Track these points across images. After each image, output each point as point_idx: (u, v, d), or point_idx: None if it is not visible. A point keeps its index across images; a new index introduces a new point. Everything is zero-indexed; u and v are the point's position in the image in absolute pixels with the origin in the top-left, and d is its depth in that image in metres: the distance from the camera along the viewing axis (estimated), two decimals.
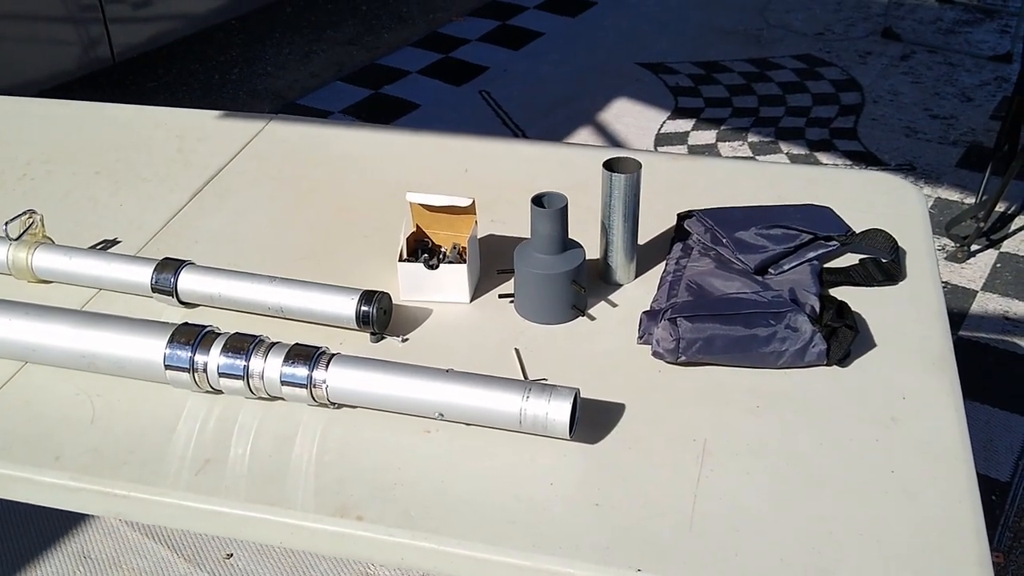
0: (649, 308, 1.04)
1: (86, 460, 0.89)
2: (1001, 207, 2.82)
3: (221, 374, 0.93)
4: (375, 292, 1.01)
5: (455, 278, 1.06)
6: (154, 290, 1.07)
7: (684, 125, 3.35)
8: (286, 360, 0.92)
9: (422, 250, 1.10)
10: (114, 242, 1.21)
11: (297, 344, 0.94)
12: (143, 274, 1.07)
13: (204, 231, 1.22)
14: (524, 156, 1.40)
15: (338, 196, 1.29)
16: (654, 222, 1.18)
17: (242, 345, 0.93)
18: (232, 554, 1.84)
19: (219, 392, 0.95)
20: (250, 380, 0.93)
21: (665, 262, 1.12)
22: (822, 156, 3.14)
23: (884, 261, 1.11)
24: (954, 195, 2.94)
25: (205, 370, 0.93)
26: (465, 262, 1.07)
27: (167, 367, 0.94)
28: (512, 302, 1.07)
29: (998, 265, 2.63)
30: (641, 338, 1.00)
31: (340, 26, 4.21)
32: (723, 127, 3.33)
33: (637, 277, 1.11)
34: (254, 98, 3.61)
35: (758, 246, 1.09)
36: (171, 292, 1.06)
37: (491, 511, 0.82)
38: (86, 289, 1.11)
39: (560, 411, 0.86)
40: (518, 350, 1.00)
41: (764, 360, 0.96)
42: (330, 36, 4.12)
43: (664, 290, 1.06)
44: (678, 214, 1.18)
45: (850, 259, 1.13)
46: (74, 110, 1.55)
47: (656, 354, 0.98)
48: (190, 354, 0.93)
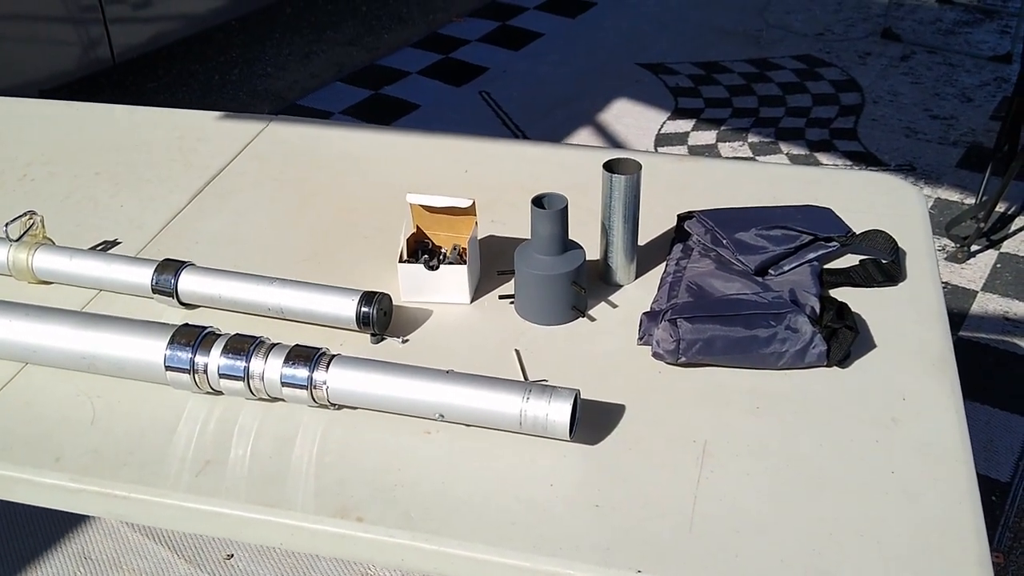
0: (649, 309, 1.04)
1: (86, 461, 0.89)
2: (1001, 207, 2.82)
3: (221, 375, 0.93)
4: (375, 293, 1.02)
5: (455, 279, 1.06)
6: (154, 291, 1.07)
7: (684, 126, 3.35)
8: (286, 361, 0.92)
9: (422, 251, 1.10)
10: (114, 243, 1.21)
11: (297, 345, 0.94)
12: (143, 275, 1.07)
13: (204, 232, 1.22)
14: (524, 157, 1.40)
15: (338, 197, 1.29)
16: (654, 223, 1.19)
17: (242, 346, 0.93)
18: (232, 555, 1.84)
19: (219, 393, 0.95)
20: (250, 381, 0.93)
21: (665, 263, 1.12)
22: (822, 156, 3.15)
23: (884, 262, 1.11)
24: (954, 195, 2.94)
25: (205, 371, 0.93)
26: (465, 263, 1.07)
27: (167, 368, 0.94)
28: (512, 303, 1.07)
29: (998, 265, 2.63)
30: (641, 339, 1.00)
31: (340, 27, 4.21)
32: (723, 127, 3.33)
33: (637, 278, 1.11)
34: (254, 99, 3.61)
35: (758, 247, 1.09)
36: (171, 293, 1.06)
37: (491, 512, 0.82)
38: (86, 290, 1.11)
39: (560, 412, 0.86)
40: (518, 351, 1.01)
41: (764, 361, 0.96)
42: (330, 37, 4.12)
43: (664, 291, 1.06)
44: (678, 215, 1.18)
45: (850, 260, 1.13)
46: (74, 111, 1.55)
47: (656, 355, 0.98)
48: (190, 355, 0.93)
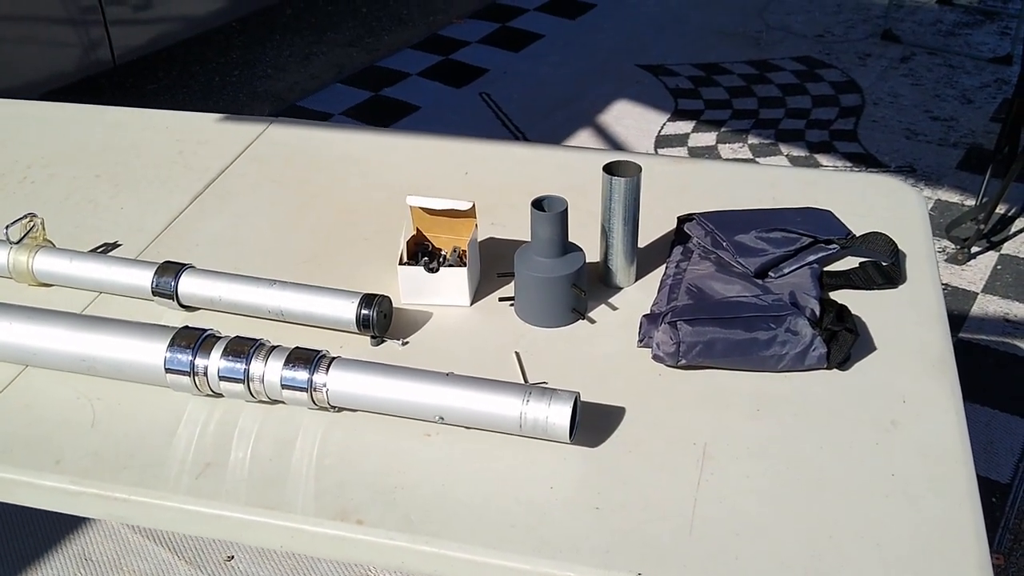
0: (649, 311, 1.04)
1: (86, 464, 0.89)
2: (1001, 209, 2.82)
3: (221, 378, 0.93)
4: (375, 295, 1.02)
5: (455, 281, 1.06)
6: (155, 293, 1.07)
7: (684, 127, 3.36)
8: (286, 364, 0.92)
9: (422, 253, 1.10)
10: (115, 245, 1.21)
11: (297, 348, 0.94)
12: (144, 277, 1.07)
13: (205, 234, 1.22)
14: (524, 159, 1.40)
15: (338, 199, 1.29)
16: (654, 225, 1.19)
17: (242, 349, 0.93)
18: (233, 556, 1.84)
19: (219, 396, 0.95)
20: (250, 384, 0.93)
21: (665, 265, 1.12)
22: (822, 158, 3.15)
23: (884, 264, 1.11)
24: (954, 197, 2.94)
25: (205, 374, 0.93)
26: (465, 265, 1.07)
27: (167, 371, 0.94)
28: (512, 305, 1.07)
29: (998, 267, 2.63)
30: (641, 341, 1.00)
31: (340, 28, 4.21)
32: (723, 129, 3.34)
33: (637, 280, 1.11)
34: (254, 100, 3.61)
35: (758, 249, 1.09)
36: (172, 295, 1.06)
37: (491, 515, 0.82)
38: (87, 292, 1.11)
39: (560, 415, 0.86)
40: (518, 353, 1.01)
41: (764, 364, 0.96)
42: (330, 38, 4.12)
43: (664, 293, 1.06)
44: (678, 217, 1.18)
45: (850, 262, 1.13)
46: (75, 113, 1.55)
47: (656, 357, 0.98)
48: (190, 358, 0.93)
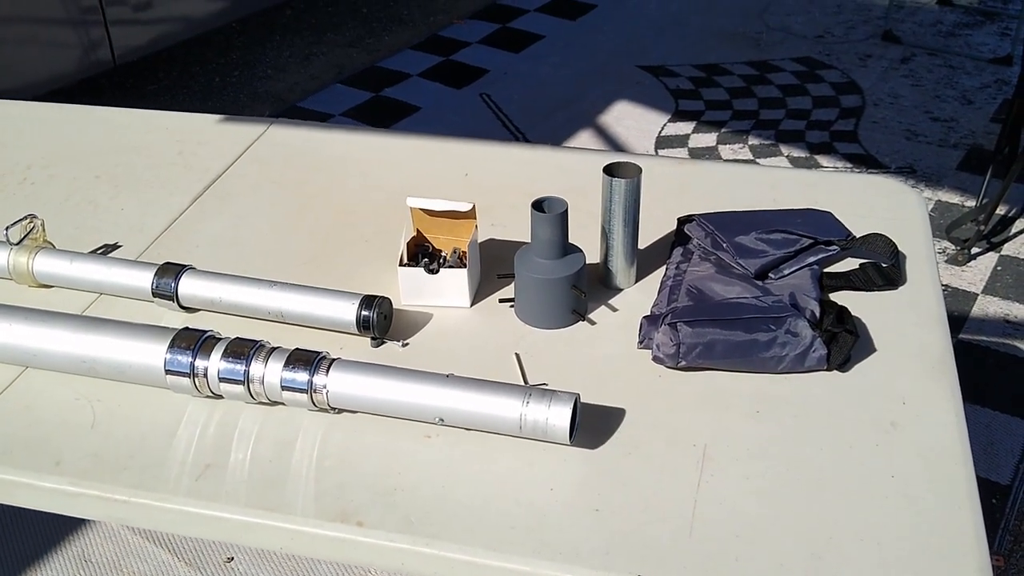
0: (649, 313, 1.04)
1: (86, 465, 0.89)
2: (1002, 210, 2.82)
3: (221, 379, 0.93)
4: (375, 297, 1.02)
5: (455, 283, 1.06)
6: (155, 295, 1.07)
7: (685, 128, 3.36)
8: (286, 365, 0.92)
9: (422, 254, 1.10)
10: (115, 246, 1.21)
11: (297, 349, 0.94)
12: (144, 278, 1.07)
13: (205, 235, 1.22)
14: (524, 160, 1.40)
15: (338, 200, 1.29)
16: (654, 226, 1.19)
17: (242, 350, 0.93)
18: (232, 558, 1.84)
19: (219, 397, 0.95)
20: (250, 385, 0.93)
21: (665, 266, 1.12)
22: (822, 159, 3.15)
23: (884, 266, 1.11)
24: (954, 198, 2.94)
25: (205, 375, 0.93)
26: (465, 267, 1.07)
27: (167, 372, 0.94)
28: (512, 307, 1.07)
29: (999, 268, 2.63)
30: (641, 343, 1.00)
31: (340, 29, 4.21)
32: (723, 130, 3.34)
33: (637, 282, 1.11)
34: (254, 101, 3.61)
35: (758, 251, 1.09)
36: (172, 297, 1.06)
37: (491, 516, 0.82)
38: (87, 294, 1.11)
39: (560, 416, 0.86)
40: (518, 355, 1.01)
41: (764, 365, 0.96)
42: (330, 39, 4.12)
43: (664, 295, 1.06)
44: (678, 218, 1.18)
45: (850, 264, 1.13)
46: (75, 114, 1.55)
47: (656, 359, 0.98)
48: (190, 359, 0.93)
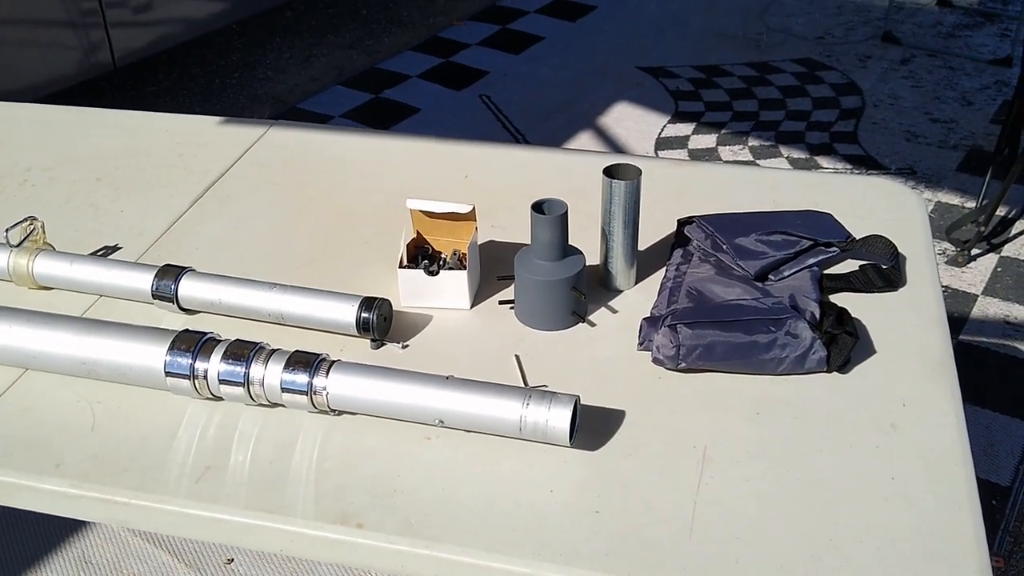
0: (649, 314, 1.04)
1: (87, 467, 0.89)
2: (1001, 211, 2.82)
3: (221, 381, 0.93)
4: (375, 299, 1.02)
5: (455, 284, 1.06)
6: (155, 296, 1.07)
7: (684, 129, 3.36)
8: (286, 367, 0.92)
9: (422, 256, 1.10)
10: (115, 248, 1.21)
11: (297, 351, 0.94)
12: (144, 280, 1.07)
13: (205, 237, 1.22)
14: (524, 162, 1.40)
15: (338, 202, 1.30)
16: (654, 228, 1.19)
17: (242, 352, 0.93)
18: (232, 559, 1.84)
19: (219, 399, 0.95)
20: (250, 387, 0.93)
21: (665, 268, 1.12)
22: (822, 160, 3.15)
23: (884, 267, 1.11)
24: (954, 199, 2.94)
25: (205, 377, 0.93)
26: (465, 268, 1.07)
27: (167, 374, 0.94)
28: (512, 308, 1.07)
29: (998, 269, 2.63)
30: (641, 344, 1.00)
31: (340, 30, 4.22)
32: (723, 131, 3.34)
33: (637, 283, 1.11)
34: (254, 102, 3.61)
35: (758, 252, 1.09)
36: (172, 299, 1.06)
37: (491, 518, 0.82)
38: (87, 296, 1.11)
39: (560, 418, 0.86)
40: (518, 357, 1.01)
41: (764, 367, 0.96)
42: (330, 40, 4.12)
43: (664, 296, 1.06)
44: (678, 220, 1.18)
45: (850, 265, 1.13)
46: (75, 116, 1.55)
47: (656, 361, 0.98)
48: (190, 361, 0.93)
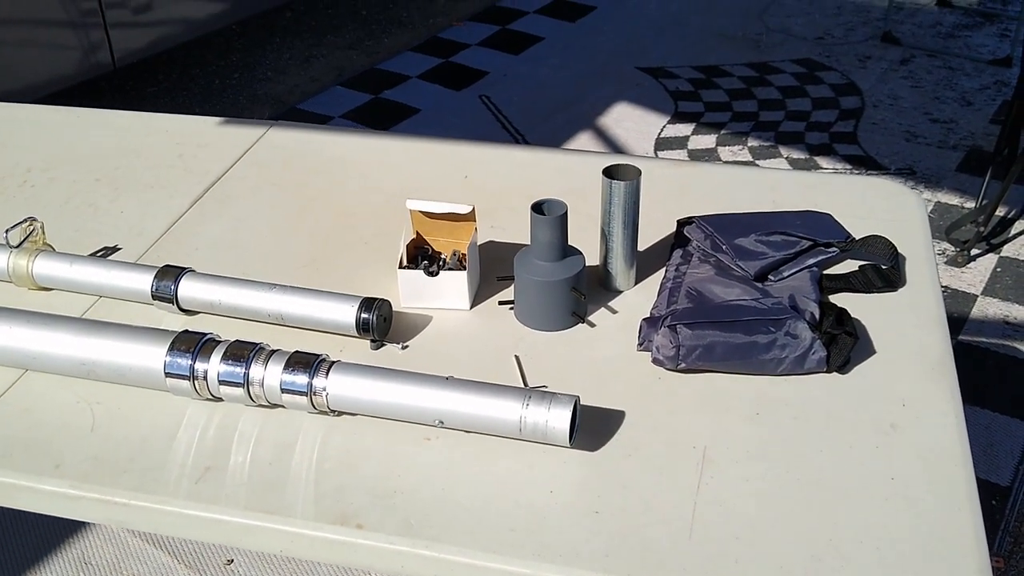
0: (649, 315, 1.04)
1: (86, 468, 0.89)
2: (1001, 211, 2.82)
3: (221, 382, 0.93)
4: (375, 299, 1.02)
5: (455, 285, 1.06)
6: (154, 297, 1.07)
7: (684, 129, 3.36)
8: (286, 367, 0.92)
9: (422, 257, 1.10)
10: (114, 249, 1.21)
11: (297, 351, 0.94)
12: (143, 281, 1.07)
13: (204, 238, 1.22)
14: (524, 162, 1.40)
15: (338, 203, 1.30)
16: (654, 228, 1.19)
17: (242, 352, 0.93)
18: (232, 560, 1.84)
19: (219, 400, 0.95)
20: (250, 388, 0.93)
21: (665, 268, 1.12)
22: (822, 160, 3.15)
23: (884, 267, 1.11)
24: (954, 199, 2.94)
25: (205, 378, 0.93)
26: (465, 269, 1.07)
27: (167, 375, 0.94)
28: (512, 309, 1.07)
29: (998, 269, 2.63)
30: (641, 345, 1.00)
31: (340, 31, 4.22)
32: (723, 131, 3.34)
33: (637, 284, 1.11)
34: (254, 103, 3.61)
35: (758, 253, 1.09)
36: (171, 299, 1.06)
37: (491, 519, 0.82)
38: (86, 296, 1.11)
39: (560, 418, 0.86)
40: (518, 357, 1.01)
41: (764, 367, 0.96)
42: (330, 41, 4.12)
43: (664, 297, 1.06)
44: (678, 220, 1.18)
45: (850, 265, 1.13)
46: (75, 116, 1.55)
47: (656, 361, 0.98)
48: (190, 362, 0.93)
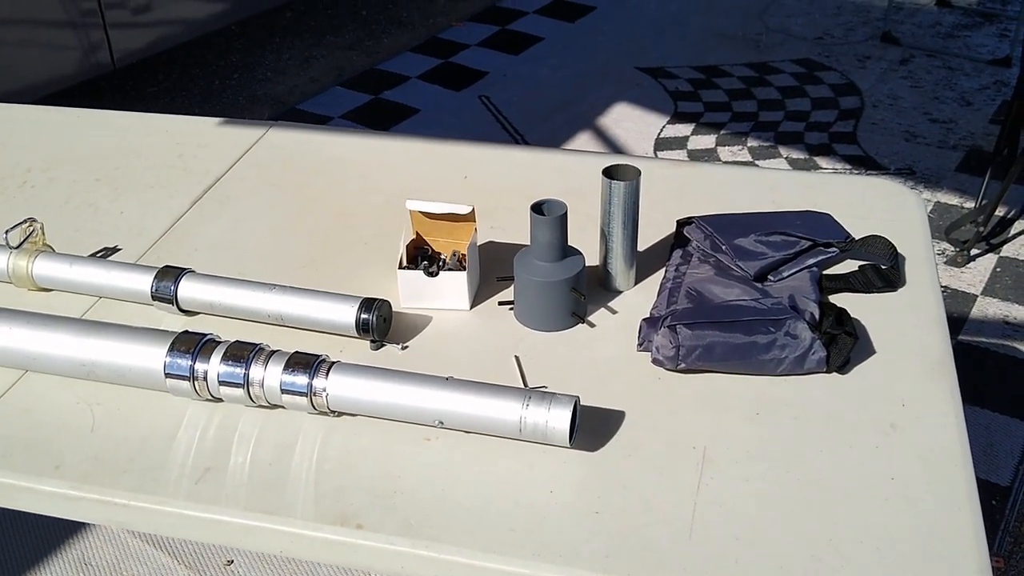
0: (649, 315, 1.04)
1: (86, 469, 0.89)
2: (1001, 211, 2.82)
3: (221, 382, 0.93)
4: (375, 300, 1.02)
5: (455, 285, 1.06)
6: (154, 298, 1.07)
7: (684, 130, 3.36)
8: (286, 368, 0.92)
9: (422, 257, 1.10)
10: (114, 250, 1.21)
11: (297, 352, 0.94)
12: (143, 282, 1.07)
13: (204, 238, 1.22)
14: (524, 163, 1.40)
15: (338, 203, 1.30)
16: (653, 229, 1.19)
17: (242, 353, 0.93)
18: (232, 560, 1.84)
19: (219, 400, 0.95)
20: (250, 388, 0.93)
21: (665, 269, 1.12)
22: (821, 160, 3.15)
23: (884, 267, 1.11)
24: (954, 199, 2.94)
25: (205, 378, 0.93)
26: (465, 269, 1.07)
27: (167, 375, 0.94)
28: (512, 309, 1.07)
29: (998, 269, 2.63)
30: (641, 345, 1.00)
31: (340, 31, 4.22)
32: (723, 131, 3.34)
33: (637, 284, 1.11)
34: (254, 103, 3.61)
35: (757, 253, 1.09)
36: (171, 300, 1.06)
37: (491, 519, 0.82)
38: (86, 297, 1.12)
39: (560, 419, 0.86)
40: (518, 357, 1.01)
41: (764, 367, 0.96)
42: (330, 41, 4.12)
43: (664, 297, 1.06)
44: (677, 221, 1.18)
45: (850, 265, 1.13)
46: (75, 117, 1.55)
47: (656, 361, 0.98)
48: (190, 362, 0.93)
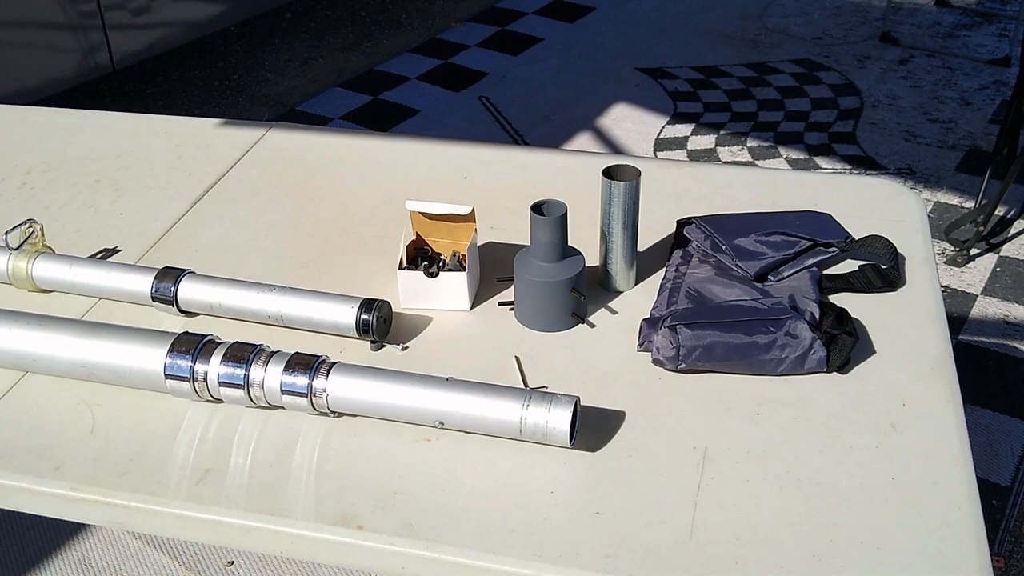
0: (649, 315, 1.04)
1: (86, 470, 0.89)
2: (1000, 211, 2.82)
3: (221, 383, 0.93)
4: (375, 300, 1.02)
5: (455, 286, 1.06)
6: (154, 299, 1.07)
7: (683, 130, 3.36)
8: (286, 369, 0.92)
9: (422, 258, 1.10)
10: (114, 251, 1.21)
11: (297, 353, 0.94)
12: (143, 283, 1.07)
13: (204, 239, 1.22)
14: (523, 163, 1.40)
15: (338, 204, 1.30)
16: (654, 229, 1.19)
17: (242, 354, 0.93)
18: (233, 561, 1.84)
19: (219, 401, 0.95)
20: (250, 389, 0.93)
21: (665, 269, 1.12)
22: (821, 160, 3.15)
23: (884, 267, 1.11)
24: (953, 199, 2.94)
25: (205, 379, 0.93)
26: (465, 270, 1.07)
27: (167, 376, 0.94)
28: (512, 310, 1.07)
29: (998, 269, 2.63)
30: (641, 345, 1.00)
31: (339, 32, 4.22)
32: (722, 132, 3.34)
33: (637, 284, 1.11)
34: (253, 104, 3.61)
35: (758, 253, 1.09)
36: (171, 301, 1.06)
37: (491, 519, 0.82)
38: (86, 298, 1.12)
39: (560, 419, 0.86)
40: (518, 358, 1.01)
41: (764, 367, 0.96)
42: (329, 42, 4.12)
43: (664, 297, 1.06)
44: (678, 221, 1.18)
45: (850, 265, 1.13)
46: (74, 118, 1.55)
47: (656, 361, 0.98)
48: (190, 363, 0.93)
